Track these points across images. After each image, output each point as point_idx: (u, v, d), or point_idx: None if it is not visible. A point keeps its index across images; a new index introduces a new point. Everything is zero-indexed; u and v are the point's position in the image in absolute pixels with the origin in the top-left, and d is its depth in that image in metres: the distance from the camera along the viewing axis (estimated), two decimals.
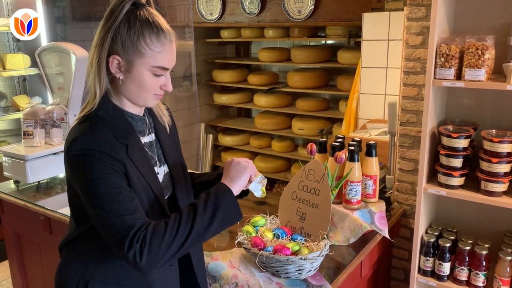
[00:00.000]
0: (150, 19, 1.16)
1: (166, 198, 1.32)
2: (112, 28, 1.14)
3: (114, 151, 1.13)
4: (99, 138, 1.13)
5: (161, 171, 1.32)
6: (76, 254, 1.28)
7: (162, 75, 1.20)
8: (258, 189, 1.39)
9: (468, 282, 1.83)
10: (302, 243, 1.58)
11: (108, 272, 1.23)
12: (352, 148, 1.79)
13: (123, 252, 1.07)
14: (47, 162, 2.41)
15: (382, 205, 1.88)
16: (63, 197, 2.36)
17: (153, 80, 1.19)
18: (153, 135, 1.33)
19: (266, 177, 1.46)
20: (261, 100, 3.97)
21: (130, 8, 1.16)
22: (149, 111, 1.34)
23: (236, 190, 1.25)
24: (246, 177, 1.30)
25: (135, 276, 1.24)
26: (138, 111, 1.27)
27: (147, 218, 1.14)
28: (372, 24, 2.71)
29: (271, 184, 4.07)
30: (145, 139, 1.28)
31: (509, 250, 1.78)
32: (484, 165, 1.73)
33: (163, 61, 1.18)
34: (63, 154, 1.18)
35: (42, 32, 3.85)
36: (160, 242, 1.09)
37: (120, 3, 1.16)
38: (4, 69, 3.73)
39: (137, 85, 1.19)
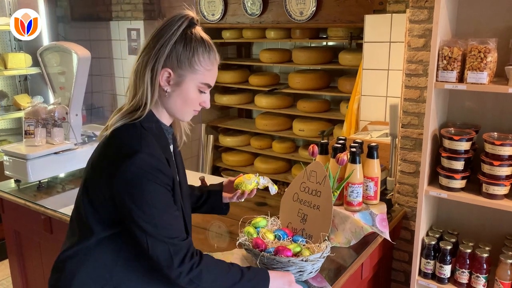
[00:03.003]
0: (203, 38, 1.24)
1: None
2: (170, 43, 1.19)
3: (165, 167, 1.19)
4: (155, 153, 1.18)
5: None
6: (93, 267, 1.25)
7: (205, 92, 1.27)
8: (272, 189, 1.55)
9: (468, 285, 1.83)
10: (303, 245, 1.58)
11: (132, 284, 1.24)
12: (353, 150, 1.79)
13: (171, 269, 1.17)
14: (48, 161, 2.41)
15: (383, 207, 1.88)
16: (64, 196, 2.36)
17: (197, 96, 1.26)
18: (171, 146, 1.35)
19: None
20: (262, 101, 3.97)
21: (187, 25, 1.21)
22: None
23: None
24: None
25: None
26: (168, 122, 1.32)
27: (186, 236, 1.22)
28: (374, 26, 2.71)
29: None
30: None
31: (510, 253, 1.77)
32: (486, 168, 1.73)
33: (210, 79, 1.27)
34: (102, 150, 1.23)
35: (43, 32, 3.85)
36: (208, 273, 1.21)
37: (179, 19, 1.21)
38: (6, 68, 3.72)
39: (182, 99, 1.24)
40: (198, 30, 1.24)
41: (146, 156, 1.15)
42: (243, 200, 1.57)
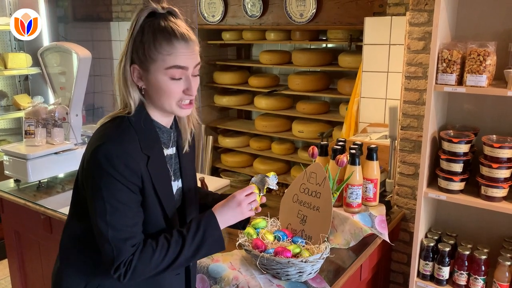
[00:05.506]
0: (163, 25, 1.17)
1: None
2: (131, 38, 1.17)
3: (135, 163, 1.15)
4: (126, 147, 1.15)
5: (175, 185, 1.33)
6: (82, 260, 1.28)
7: (180, 78, 1.18)
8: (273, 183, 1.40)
9: (467, 287, 1.84)
10: (303, 246, 1.58)
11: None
12: (353, 151, 1.80)
13: (110, 271, 1.15)
14: (48, 161, 2.42)
15: (382, 208, 1.89)
16: (64, 196, 2.36)
17: (171, 84, 1.18)
18: (174, 148, 1.33)
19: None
20: (261, 102, 3.98)
21: (148, 18, 1.18)
22: (175, 125, 1.34)
23: (223, 226, 1.27)
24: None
25: (145, 283, 1.26)
26: (166, 122, 1.28)
27: (141, 239, 1.18)
28: (374, 28, 2.72)
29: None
30: (167, 152, 1.30)
31: (508, 255, 1.79)
32: (485, 170, 1.73)
33: (175, 60, 1.16)
34: (86, 146, 1.21)
35: (44, 32, 3.85)
36: (143, 268, 1.16)
37: (138, 13, 1.18)
38: (6, 68, 3.72)
39: (156, 92, 1.19)
40: (163, 20, 1.17)
41: (113, 147, 1.13)
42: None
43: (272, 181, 1.38)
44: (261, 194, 1.36)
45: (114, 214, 1.13)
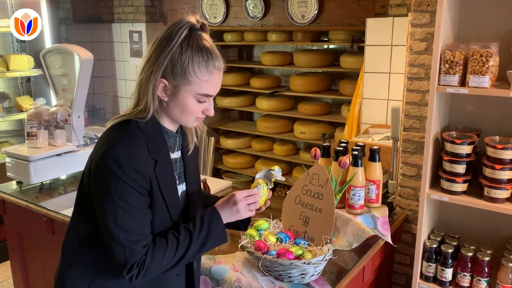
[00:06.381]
0: (201, 46, 1.18)
1: None
2: (170, 53, 1.16)
3: (144, 167, 1.17)
4: (134, 151, 1.16)
5: (179, 189, 1.34)
6: (85, 260, 1.29)
7: (205, 101, 1.23)
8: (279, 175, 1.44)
9: None
10: (306, 248, 1.58)
11: (120, 280, 1.23)
12: (355, 153, 1.80)
13: (122, 272, 1.17)
14: (50, 163, 2.42)
15: (385, 210, 1.89)
16: (66, 198, 2.36)
17: (196, 106, 1.23)
18: (179, 152, 1.34)
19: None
20: (263, 104, 3.98)
21: (185, 34, 1.17)
22: (181, 129, 1.35)
23: (225, 221, 1.30)
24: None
25: (147, 284, 1.27)
26: (173, 127, 1.30)
27: (151, 240, 1.20)
28: (376, 29, 2.72)
29: (272, 188, 4.07)
30: (172, 156, 1.30)
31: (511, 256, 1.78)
32: (487, 172, 1.73)
33: (208, 89, 1.21)
34: (93, 149, 1.22)
35: (46, 33, 3.86)
36: (156, 267, 1.19)
37: (179, 28, 1.17)
38: (8, 69, 3.73)
39: (180, 109, 1.22)
40: (198, 37, 1.18)
41: (121, 150, 1.14)
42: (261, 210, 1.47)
43: (277, 173, 1.42)
44: (270, 187, 1.40)
45: (124, 217, 1.15)
